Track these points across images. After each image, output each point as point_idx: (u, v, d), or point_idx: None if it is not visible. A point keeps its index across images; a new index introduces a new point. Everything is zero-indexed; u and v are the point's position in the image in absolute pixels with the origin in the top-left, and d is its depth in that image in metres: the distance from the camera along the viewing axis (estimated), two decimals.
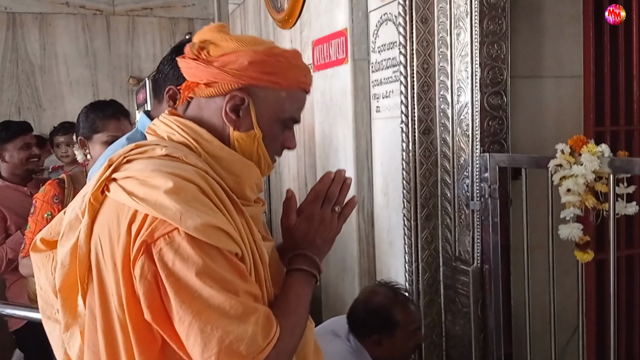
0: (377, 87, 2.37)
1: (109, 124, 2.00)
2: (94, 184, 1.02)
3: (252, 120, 1.06)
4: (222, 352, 0.88)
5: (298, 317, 1.01)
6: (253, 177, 1.09)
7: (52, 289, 1.13)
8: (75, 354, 1.10)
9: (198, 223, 0.90)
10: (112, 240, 0.96)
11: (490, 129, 1.97)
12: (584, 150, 1.56)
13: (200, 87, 1.06)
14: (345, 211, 1.16)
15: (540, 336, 1.96)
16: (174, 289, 0.90)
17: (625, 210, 1.54)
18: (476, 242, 2.01)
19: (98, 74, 4.25)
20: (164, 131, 1.10)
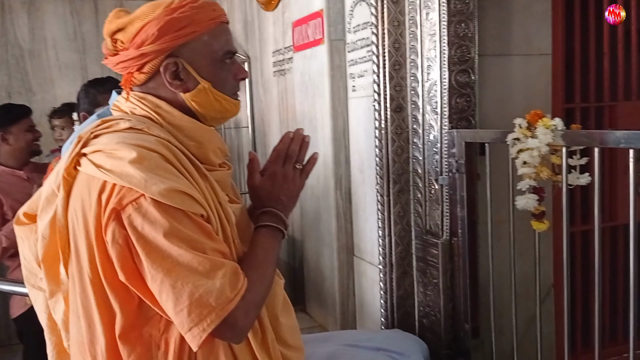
0: (353, 67, 2.43)
1: (108, 98, 2.08)
2: (67, 160, 1.10)
3: (194, 75, 1.12)
4: (193, 304, 0.96)
5: (265, 270, 1.08)
6: (215, 142, 1.16)
7: (35, 259, 1.22)
8: (60, 318, 1.19)
9: (162, 188, 0.97)
10: (85, 210, 1.03)
11: (458, 105, 2.03)
12: (539, 124, 1.62)
13: (135, 75, 1.13)
14: (307, 167, 1.23)
15: (508, 306, 2.03)
16: (144, 250, 0.97)
17: (577, 181, 1.61)
18: (445, 216, 2.09)
19: (87, 58, 4.29)
20: (127, 107, 1.17)
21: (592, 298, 2.56)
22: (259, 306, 1.08)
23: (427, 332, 2.21)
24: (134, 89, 1.18)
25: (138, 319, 1.05)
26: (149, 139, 1.06)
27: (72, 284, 1.12)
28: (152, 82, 1.15)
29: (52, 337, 1.28)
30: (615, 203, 2.53)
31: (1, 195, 2.49)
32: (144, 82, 1.15)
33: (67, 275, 1.14)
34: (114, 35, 1.13)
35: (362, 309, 2.53)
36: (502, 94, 2.17)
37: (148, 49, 1.09)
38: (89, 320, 1.07)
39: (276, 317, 1.18)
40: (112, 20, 1.14)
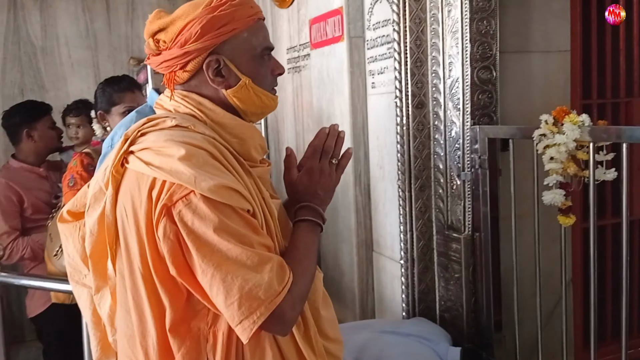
0: (372, 64, 2.45)
1: (124, 96, 2.13)
2: (114, 158, 1.12)
3: (235, 72, 1.14)
4: (243, 297, 0.98)
5: (308, 263, 1.11)
6: (256, 139, 1.19)
7: (79, 256, 1.24)
8: (106, 313, 1.22)
9: (211, 184, 0.99)
10: (135, 207, 1.05)
11: (480, 102, 2.06)
12: (565, 120, 1.64)
13: (178, 73, 1.15)
14: (342, 162, 1.25)
15: (529, 300, 2.07)
16: (195, 245, 1.00)
17: (604, 177, 1.64)
18: (467, 211, 2.11)
19: (99, 55, 4.30)
20: (171, 105, 1.19)
21: (608, 292, 2.60)
22: (304, 299, 1.10)
23: (448, 326, 2.24)
24: (176, 87, 1.20)
25: (187, 312, 1.07)
26: (196, 136, 1.08)
27: (120, 279, 1.14)
28: (194, 80, 1.17)
29: (96, 332, 1.30)
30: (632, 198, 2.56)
31: (22, 191, 2.50)
32: (186, 81, 1.18)
33: (114, 270, 1.16)
34: (155, 36, 1.16)
35: (382, 304, 2.56)
36: (521, 91, 2.20)
37: (192, 47, 1.11)
38: (140, 314, 1.09)
39: (317, 310, 1.20)
40: (153, 21, 1.16)
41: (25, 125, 2.57)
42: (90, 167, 2.12)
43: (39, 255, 2.45)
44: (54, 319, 2.41)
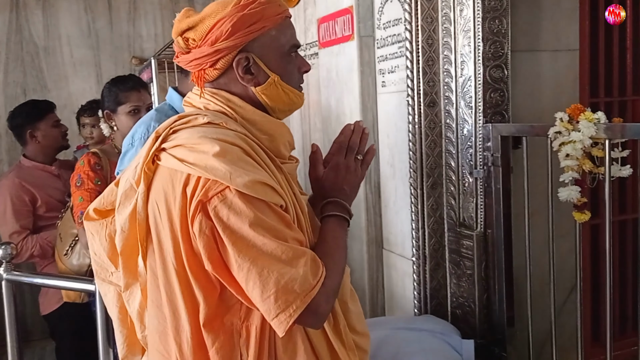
0: (383, 63, 2.46)
1: (130, 96, 2.14)
2: (145, 155, 1.13)
3: (264, 69, 1.16)
4: (280, 291, 0.99)
5: (339, 257, 1.13)
6: (285, 135, 1.20)
7: (106, 254, 1.25)
8: (135, 310, 1.23)
9: (246, 180, 1.00)
10: (169, 203, 1.06)
11: (492, 100, 2.08)
12: (581, 117, 1.67)
13: (208, 71, 1.16)
14: (367, 158, 1.27)
15: (539, 296, 2.09)
16: (230, 240, 1.01)
17: (619, 173, 1.66)
18: (479, 209, 2.13)
19: (101, 54, 4.30)
20: (200, 103, 1.20)
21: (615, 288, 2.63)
22: (337, 292, 1.12)
23: (460, 323, 2.26)
24: (205, 85, 1.21)
25: (220, 307, 1.08)
26: (228, 133, 1.09)
27: (151, 275, 1.15)
28: (224, 78, 1.18)
29: (122, 329, 1.31)
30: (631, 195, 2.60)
31: (35, 190, 2.50)
32: (215, 78, 1.19)
33: (145, 267, 1.17)
34: (184, 34, 1.16)
35: (392, 301, 2.58)
36: (532, 89, 2.22)
37: (222, 45, 1.12)
38: (173, 309, 1.10)
39: (346, 304, 1.22)
40: (181, 20, 1.17)
41: (28, 126, 2.58)
42: (98, 167, 2.13)
43: (48, 253, 2.45)
44: (67, 317, 2.42)
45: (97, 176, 2.10)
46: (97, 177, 2.10)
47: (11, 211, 2.46)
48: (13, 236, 2.43)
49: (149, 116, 1.66)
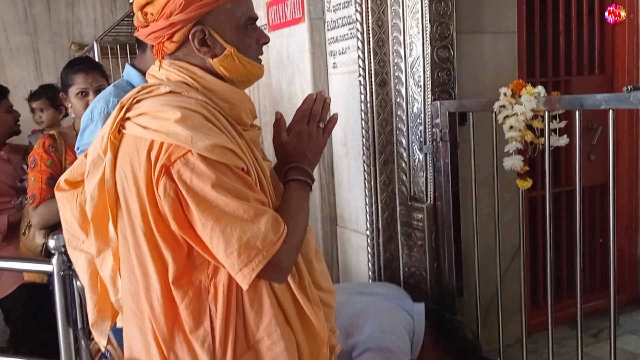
0: (333, 45, 2.54)
1: (76, 78, 2.14)
2: (111, 125, 1.15)
3: (220, 42, 1.19)
4: (242, 247, 1.05)
5: (300, 217, 1.18)
6: (246, 103, 1.24)
7: (77, 223, 1.27)
8: (108, 274, 1.25)
9: (207, 144, 1.05)
10: (135, 169, 1.10)
11: (439, 79, 2.19)
12: (523, 92, 1.80)
13: (166, 44, 1.20)
14: (329, 126, 1.32)
15: (485, 264, 2.23)
16: (194, 201, 1.06)
17: (558, 142, 1.81)
18: (429, 183, 2.25)
19: (39, 40, 4.17)
20: (162, 74, 1.23)
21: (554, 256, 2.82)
22: (298, 249, 1.18)
23: (412, 291, 2.38)
24: (165, 58, 1.25)
25: (188, 266, 1.13)
26: (189, 100, 1.14)
27: (122, 239, 1.18)
28: (182, 51, 1.22)
29: (93, 295, 1.33)
30: (572, 170, 2.80)
31: None
32: (174, 51, 1.22)
33: (116, 232, 1.20)
34: (143, 9, 1.19)
35: (347, 274, 2.67)
36: (476, 69, 2.35)
37: (177, 18, 1.16)
38: (143, 270, 1.14)
39: (310, 263, 1.28)
40: None
41: None
42: (52, 149, 2.12)
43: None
44: (23, 300, 2.37)
45: (50, 158, 2.09)
46: (50, 159, 2.09)
47: None
48: None
49: (108, 91, 1.68)
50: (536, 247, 2.75)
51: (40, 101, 2.72)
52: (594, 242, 2.95)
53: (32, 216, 2.08)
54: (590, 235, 2.95)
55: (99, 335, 1.32)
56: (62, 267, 1.78)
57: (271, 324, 1.14)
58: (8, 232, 2.44)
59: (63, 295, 1.84)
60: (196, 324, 1.12)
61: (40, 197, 2.05)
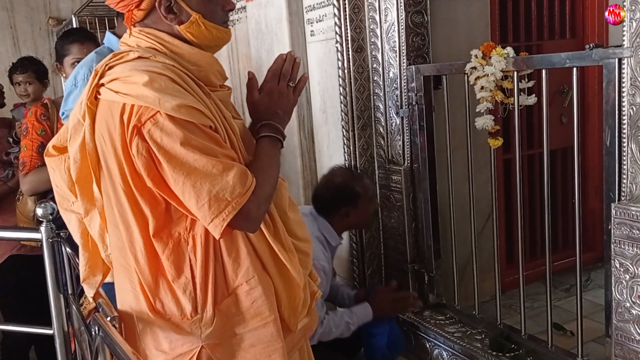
0: (311, 12, 2.57)
1: (72, 48, 2.18)
2: (87, 91, 1.21)
3: (186, 9, 1.24)
4: (212, 200, 1.12)
5: (270, 171, 1.25)
6: (214, 65, 1.30)
7: (66, 185, 1.33)
8: (96, 231, 1.32)
9: (174, 104, 1.11)
10: (111, 132, 1.16)
11: (414, 44, 2.25)
12: (493, 53, 1.87)
13: (134, 12, 1.25)
14: (299, 85, 1.37)
15: (461, 224, 2.32)
16: (165, 158, 1.12)
17: (526, 102, 1.88)
18: (406, 146, 2.33)
19: (16, 15, 4.13)
20: (133, 41, 1.29)
21: (526, 216, 2.93)
22: (268, 200, 1.25)
23: (392, 252, 2.47)
24: (136, 25, 1.30)
25: (167, 220, 1.20)
26: (157, 65, 1.19)
27: (106, 198, 1.25)
28: (150, 18, 1.27)
29: (84, 253, 1.40)
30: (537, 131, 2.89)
31: None
32: (142, 19, 1.27)
33: (100, 192, 1.26)
34: None
35: None
36: (449, 34, 2.41)
37: None
38: (126, 225, 1.21)
39: (285, 213, 1.35)
40: None
41: None
42: (44, 117, 2.15)
43: None
44: (11, 272, 2.41)
45: (41, 126, 2.13)
46: (42, 127, 2.13)
47: None
48: None
49: (90, 58, 1.73)
50: (512, 206, 2.84)
51: (27, 74, 2.73)
52: (568, 201, 3.06)
53: (22, 183, 2.13)
54: (563, 195, 3.06)
55: (89, 289, 1.39)
56: (50, 235, 1.83)
57: (249, 270, 1.22)
58: None
59: (52, 262, 1.89)
60: (178, 273, 1.20)
61: (30, 164, 2.09)
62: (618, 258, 1.56)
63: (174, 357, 1.22)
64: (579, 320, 1.87)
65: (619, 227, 1.54)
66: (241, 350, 1.24)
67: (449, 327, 2.27)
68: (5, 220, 2.43)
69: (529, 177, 2.96)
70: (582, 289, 1.89)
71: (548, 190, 1.90)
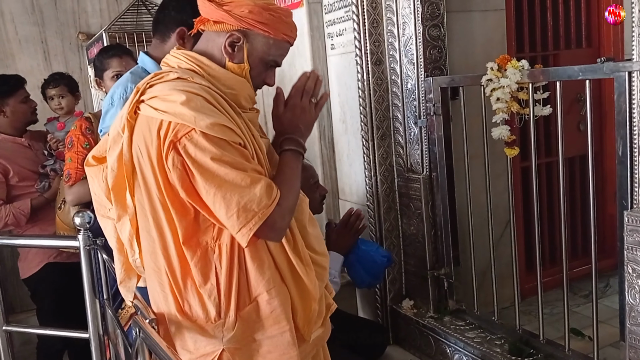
0: (331, 27, 2.66)
1: (112, 62, 2.29)
2: (128, 106, 1.32)
3: (244, 56, 1.35)
4: (241, 210, 1.22)
5: (293, 183, 1.34)
6: (245, 90, 1.40)
7: (103, 193, 1.43)
8: (126, 237, 1.43)
9: (208, 123, 1.21)
10: (148, 145, 1.27)
11: (431, 56, 2.32)
12: (508, 65, 1.93)
13: (209, 23, 1.36)
14: (320, 102, 1.47)
15: (479, 230, 2.37)
16: (198, 171, 1.22)
17: (542, 112, 1.94)
18: (424, 155, 2.39)
19: (46, 31, 4.28)
20: (175, 62, 1.40)
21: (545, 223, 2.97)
22: (292, 212, 1.34)
23: (411, 259, 2.54)
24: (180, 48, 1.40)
25: (195, 229, 1.30)
26: (194, 86, 1.30)
27: (140, 206, 1.35)
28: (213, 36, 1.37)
29: (120, 257, 1.50)
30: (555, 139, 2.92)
31: (7, 162, 2.55)
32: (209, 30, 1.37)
33: (132, 200, 1.36)
34: None
35: None
36: (466, 46, 2.47)
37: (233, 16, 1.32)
38: (160, 231, 1.32)
39: (304, 227, 1.43)
40: None
41: None
42: (88, 131, 2.25)
43: (22, 221, 2.55)
44: (48, 278, 2.52)
45: (86, 140, 2.24)
46: (87, 140, 2.24)
47: None
48: None
49: (126, 78, 1.81)
50: (531, 213, 2.87)
51: (60, 87, 2.84)
52: (587, 208, 3.07)
53: (67, 194, 2.24)
54: (582, 201, 3.09)
55: (126, 292, 1.49)
56: (87, 242, 1.94)
57: (270, 280, 1.31)
58: (31, 215, 2.59)
59: (89, 268, 2.00)
60: (204, 280, 1.30)
61: (75, 176, 2.20)
62: (631, 264, 1.61)
63: (197, 357, 1.32)
64: (595, 324, 1.91)
65: (632, 234, 1.59)
66: (259, 356, 1.34)
67: (469, 333, 2.32)
68: (42, 229, 2.55)
69: (548, 184, 3.00)
70: (597, 294, 1.93)
71: (564, 199, 1.95)
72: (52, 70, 4.32)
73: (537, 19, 2.76)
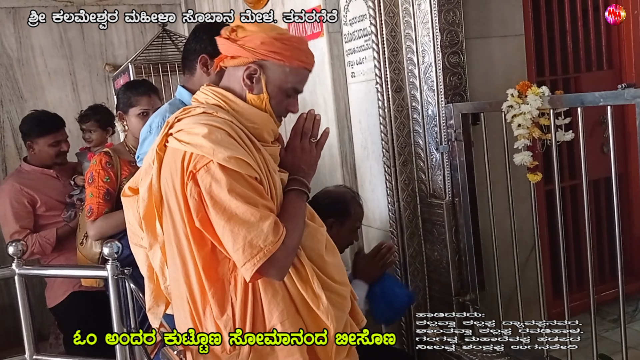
0: (351, 55, 2.70)
1: (141, 99, 2.35)
2: (159, 139, 1.37)
3: (262, 86, 1.40)
4: (246, 245, 1.25)
5: (297, 222, 1.37)
6: (268, 125, 1.44)
7: (137, 223, 1.48)
8: (157, 265, 1.48)
9: (225, 155, 1.26)
10: (173, 176, 1.33)
11: (451, 83, 2.34)
12: (529, 92, 1.94)
13: (228, 59, 1.42)
14: (321, 141, 1.50)
15: (504, 255, 2.36)
16: (211, 202, 1.27)
17: (563, 138, 1.94)
18: (447, 180, 2.40)
19: (74, 63, 4.41)
20: (203, 98, 1.47)
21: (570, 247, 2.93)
22: (295, 250, 1.35)
23: (436, 284, 2.52)
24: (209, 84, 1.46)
25: (213, 260, 1.34)
26: (217, 119, 1.35)
27: (166, 235, 1.40)
28: (233, 71, 1.43)
29: (150, 284, 1.55)
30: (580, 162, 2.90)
31: (35, 193, 2.64)
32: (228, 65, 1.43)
33: (162, 228, 1.40)
34: (236, 27, 1.40)
35: None
36: (486, 71, 2.49)
37: (247, 49, 1.38)
38: (183, 260, 1.36)
39: (322, 258, 1.43)
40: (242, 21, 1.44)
41: (28, 137, 2.72)
42: (108, 165, 2.30)
43: (47, 250, 2.62)
44: (74, 307, 2.58)
45: (107, 174, 2.27)
46: (107, 175, 2.27)
47: (11, 214, 2.61)
48: (14, 235, 2.58)
49: (164, 108, 1.90)
50: (556, 237, 2.84)
51: (90, 123, 2.94)
52: (613, 230, 3.03)
53: (90, 228, 2.28)
54: (609, 224, 3.05)
55: (154, 318, 1.53)
56: (115, 272, 1.98)
57: (283, 312, 1.34)
58: (57, 244, 2.66)
59: (117, 297, 2.04)
60: (221, 311, 1.33)
61: (97, 211, 2.23)
62: None
63: None
64: (624, 349, 1.88)
65: None
66: None
67: (496, 359, 2.30)
68: (68, 258, 2.61)
69: (573, 207, 2.97)
70: (625, 318, 1.90)
71: (589, 222, 1.94)
72: (80, 101, 4.46)
73: (556, 42, 2.77)
